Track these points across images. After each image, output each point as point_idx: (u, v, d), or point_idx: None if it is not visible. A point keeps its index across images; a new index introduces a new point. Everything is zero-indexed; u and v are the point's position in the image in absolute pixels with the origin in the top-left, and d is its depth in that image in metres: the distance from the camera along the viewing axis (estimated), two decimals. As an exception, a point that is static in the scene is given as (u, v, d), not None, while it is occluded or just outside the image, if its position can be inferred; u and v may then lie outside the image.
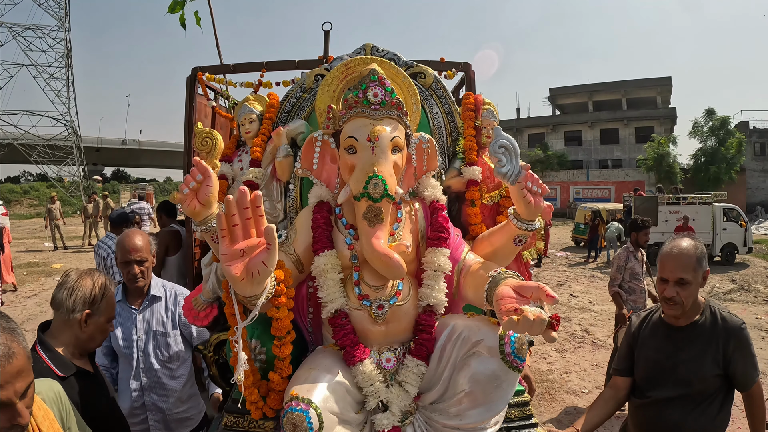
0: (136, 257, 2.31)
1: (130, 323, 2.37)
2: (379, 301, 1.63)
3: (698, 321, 1.99)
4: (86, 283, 1.75)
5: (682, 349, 1.99)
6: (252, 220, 1.14)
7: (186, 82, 3.61)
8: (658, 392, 2.02)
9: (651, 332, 2.12)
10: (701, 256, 1.96)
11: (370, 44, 2.13)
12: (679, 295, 1.93)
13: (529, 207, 1.57)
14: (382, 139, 1.61)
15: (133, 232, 2.37)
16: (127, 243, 2.30)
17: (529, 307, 1.18)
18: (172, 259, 4.34)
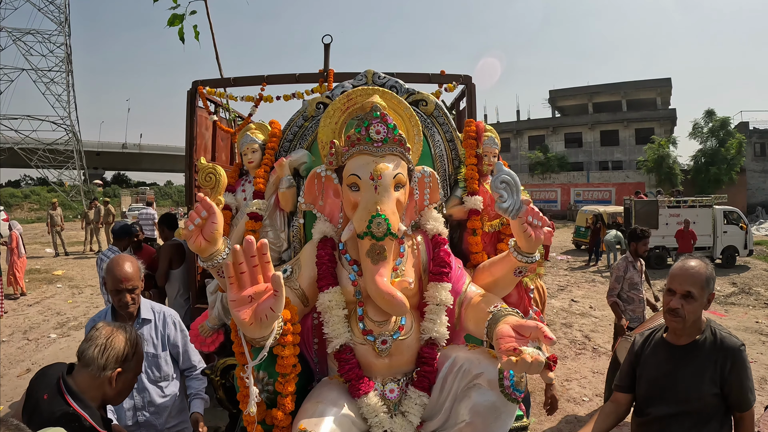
0: (128, 286, 2.28)
1: None
2: (383, 336, 1.68)
3: (698, 340, 2.02)
4: (119, 341, 1.69)
5: (681, 367, 2.03)
6: (259, 267, 1.17)
7: (186, 95, 3.65)
8: (659, 409, 2.06)
9: (653, 351, 2.15)
10: (710, 277, 2.00)
11: (371, 71, 2.17)
12: (684, 308, 1.96)
13: (530, 240, 1.60)
14: (384, 177, 1.64)
15: (122, 259, 2.33)
16: (118, 272, 2.27)
17: (527, 348, 1.22)
18: (176, 272, 4.37)
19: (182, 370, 2.49)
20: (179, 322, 2.47)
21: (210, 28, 5.02)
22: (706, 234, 13.59)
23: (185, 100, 3.68)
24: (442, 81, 3.54)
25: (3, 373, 5.76)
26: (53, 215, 15.17)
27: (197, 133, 3.82)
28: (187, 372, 2.49)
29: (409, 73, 3.61)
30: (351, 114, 1.89)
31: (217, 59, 5.11)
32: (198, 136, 3.84)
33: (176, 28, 4.91)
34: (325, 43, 3.54)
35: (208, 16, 4.97)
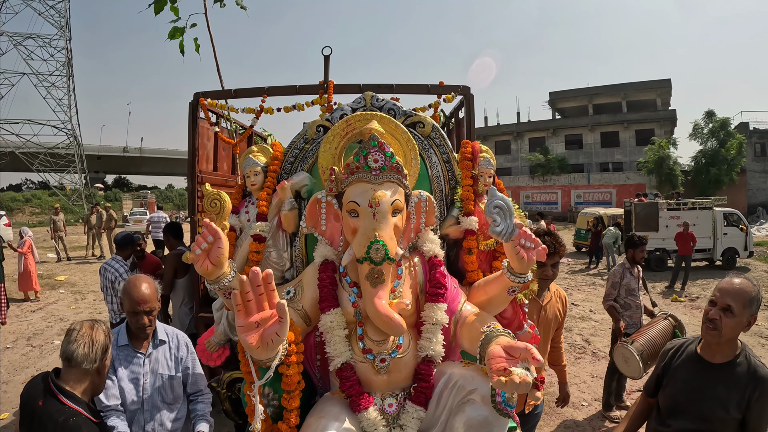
0: (145, 308, 2.25)
1: (138, 367, 2.32)
2: (382, 355, 1.78)
3: (731, 362, 2.02)
4: (100, 335, 1.89)
5: (710, 387, 2.02)
6: (264, 295, 1.25)
7: (188, 107, 3.71)
8: (679, 423, 2.10)
9: (683, 363, 2.16)
10: (755, 298, 1.97)
11: (369, 94, 2.24)
12: (721, 320, 1.95)
13: (522, 262, 1.68)
14: (382, 204, 1.73)
15: (139, 280, 2.28)
16: (136, 294, 2.23)
17: (516, 369, 1.31)
18: (181, 282, 4.44)
19: (189, 394, 2.48)
20: (191, 345, 2.47)
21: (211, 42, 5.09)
22: (706, 236, 13.64)
23: (186, 105, 3.73)
24: (441, 92, 3.59)
25: (8, 380, 5.82)
26: (56, 220, 15.25)
27: (199, 144, 3.87)
28: (193, 396, 2.47)
29: (409, 84, 3.66)
30: (350, 139, 1.98)
31: (218, 72, 5.17)
32: (200, 146, 3.90)
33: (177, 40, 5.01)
34: (324, 55, 3.59)
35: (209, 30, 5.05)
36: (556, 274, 2.88)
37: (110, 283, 4.55)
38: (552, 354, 3.15)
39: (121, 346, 2.30)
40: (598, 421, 4.90)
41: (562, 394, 3.40)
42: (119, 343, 2.30)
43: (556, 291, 3.06)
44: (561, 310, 3.08)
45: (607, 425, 4.83)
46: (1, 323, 7.96)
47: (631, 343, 3.97)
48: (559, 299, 3.09)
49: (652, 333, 4.12)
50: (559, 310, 3.05)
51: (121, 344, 2.31)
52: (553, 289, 3.02)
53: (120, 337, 2.34)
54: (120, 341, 2.32)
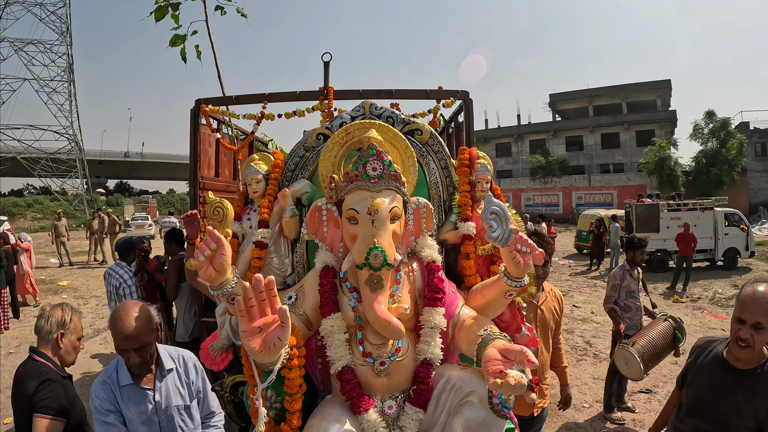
0: (133, 345, 1.96)
1: (148, 405, 2.07)
2: (382, 358, 1.82)
3: (756, 369, 1.99)
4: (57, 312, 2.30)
5: (730, 391, 2.02)
6: (267, 300, 1.29)
7: (190, 113, 3.74)
8: (697, 422, 2.12)
9: (709, 363, 2.15)
10: None
11: (368, 102, 2.29)
12: (753, 338, 1.91)
13: (518, 266, 1.72)
14: (381, 211, 1.78)
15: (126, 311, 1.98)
16: (121, 330, 1.95)
17: (512, 371, 1.35)
18: (185, 285, 4.47)
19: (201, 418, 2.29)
20: (199, 365, 2.30)
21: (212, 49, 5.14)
22: (707, 236, 13.67)
23: (187, 110, 3.76)
24: (440, 97, 3.62)
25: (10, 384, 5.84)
26: (58, 225, 15.32)
27: (201, 150, 3.91)
28: (205, 419, 2.30)
29: (408, 90, 3.69)
30: (349, 147, 2.03)
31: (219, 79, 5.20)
32: (202, 152, 3.94)
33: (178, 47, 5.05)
34: (324, 61, 3.62)
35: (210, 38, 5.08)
36: (548, 273, 2.92)
37: (114, 289, 4.58)
38: (552, 355, 3.15)
39: (124, 385, 2.04)
40: (599, 423, 4.92)
41: (563, 397, 3.39)
42: (121, 383, 2.04)
43: (551, 290, 3.10)
44: (557, 309, 3.12)
45: (608, 426, 4.85)
46: (5, 328, 8.00)
47: (632, 345, 3.99)
48: (555, 298, 3.13)
49: (652, 335, 4.15)
50: (555, 309, 3.09)
51: (124, 383, 2.04)
52: (547, 288, 3.07)
53: (121, 375, 2.06)
54: (122, 380, 2.05)
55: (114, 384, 2.03)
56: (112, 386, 2.02)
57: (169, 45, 5.04)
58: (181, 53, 5.04)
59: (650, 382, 5.63)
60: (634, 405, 5.20)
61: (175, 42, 5.02)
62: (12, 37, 36.05)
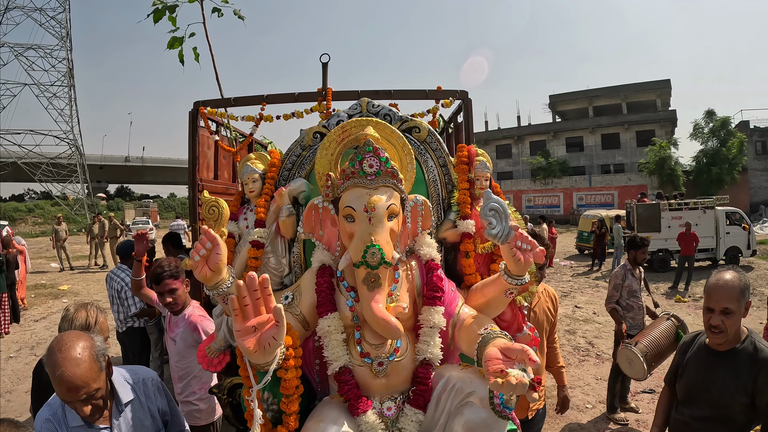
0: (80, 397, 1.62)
1: None
2: (380, 358, 1.78)
3: (737, 348, 2.12)
4: (81, 314, 2.22)
5: (717, 373, 2.13)
6: (261, 299, 1.26)
7: (188, 116, 3.73)
8: (693, 411, 2.19)
9: (695, 354, 2.27)
10: (744, 288, 2.08)
11: (365, 100, 2.26)
12: (724, 323, 2.07)
13: (519, 264, 1.68)
14: (378, 209, 1.74)
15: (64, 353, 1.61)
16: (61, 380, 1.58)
17: (513, 370, 1.31)
18: (182, 288, 4.44)
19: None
20: (159, 382, 2.07)
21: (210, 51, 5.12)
22: (708, 236, 13.63)
23: (187, 114, 3.76)
24: (439, 97, 3.60)
25: (11, 389, 5.85)
26: (58, 230, 15.33)
27: (200, 153, 3.89)
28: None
29: (407, 90, 3.67)
30: (346, 145, 1.99)
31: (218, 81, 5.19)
32: (200, 155, 3.92)
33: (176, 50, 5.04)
34: (323, 63, 3.60)
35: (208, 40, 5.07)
36: (544, 276, 2.85)
37: (116, 292, 4.58)
38: (547, 355, 3.11)
39: (74, 426, 1.74)
40: (602, 424, 4.89)
41: (561, 398, 3.30)
42: (71, 423, 1.73)
43: (544, 290, 3.04)
44: (551, 309, 3.06)
45: (611, 427, 4.82)
46: (5, 332, 7.99)
47: (635, 345, 3.97)
48: (549, 298, 3.07)
49: (655, 334, 4.13)
50: (549, 310, 3.04)
51: (74, 425, 1.74)
52: (540, 289, 3.00)
53: (69, 414, 1.74)
54: (71, 420, 1.74)
55: (61, 424, 1.73)
56: (59, 427, 1.73)
57: (167, 47, 5.04)
58: (179, 56, 5.03)
59: (653, 383, 5.60)
60: (637, 405, 5.17)
61: (172, 44, 5.02)
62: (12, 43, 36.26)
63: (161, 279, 2.86)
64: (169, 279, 2.87)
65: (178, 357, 2.91)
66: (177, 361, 2.90)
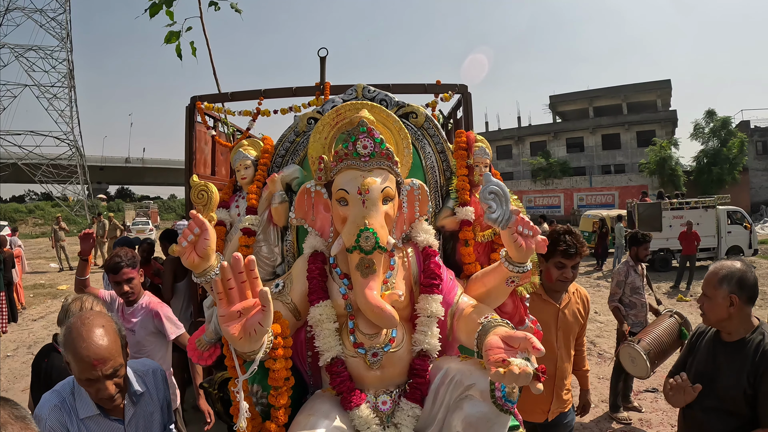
0: (107, 371, 1.53)
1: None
2: (374, 349, 1.69)
3: (746, 339, 2.07)
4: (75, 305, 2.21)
5: (724, 363, 2.08)
6: (247, 282, 1.19)
7: (185, 111, 3.68)
8: (702, 402, 2.11)
9: (705, 343, 2.24)
10: (728, 277, 2.07)
11: (361, 85, 2.19)
12: (704, 305, 2.14)
13: (520, 250, 1.60)
14: (372, 191, 1.66)
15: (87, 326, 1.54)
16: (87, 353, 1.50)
17: (515, 359, 1.22)
18: (181, 285, 4.44)
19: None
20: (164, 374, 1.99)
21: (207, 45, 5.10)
22: (710, 235, 13.54)
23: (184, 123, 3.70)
24: (438, 91, 3.55)
25: (8, 387, 5.80)
26: (57, 230, 15.29)
27: (196, 148, 3.84)
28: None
29: (405, 84, 3.62)
30: (340, 129, 1.92)
31: (215, 75, 5.18)
32: (197, 151, 3.86)
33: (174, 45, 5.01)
34: (321, 56, 3.56)
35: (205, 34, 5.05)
36: (576, 276, 2.66)
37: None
38: (574, 357, 2.90)
39: (85, 418, 1.63)
40: (605, 423, 4.81)
41: (583, 402, 3.12)
42: (81, 414, 1.62)
43: (576, 291, 2.82)
44: (582, 310, 2.84)
45: (614, 427, 4.75)
46: (2, 332, 7.93)
47: (638, 343, 3.90)
48: (580, 299, 2.84)
49: (658, 331, 4.06)
50: (579, 312, 2.81)
51: (86, 415, 1.63)
52: (572, 289, 2.79)
53: (80, 404, 1.63)
54: (82, 410, 1.62)
55: (71, 413, 1.61)
56: (68, 416, 1.61)
57: (164, 42, 5.01)
58: (176, 50, 5.00)
59: (656, 381, 5.53)
60: (640, 404, 5.10)
61: (170, 39, 5.00)
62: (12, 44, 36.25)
63: (119, 268, 2.87)
64: (127, 268, 2.89)
65: (137, 347, 2.85)
66: (135, 352, 2.79)
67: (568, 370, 2.79)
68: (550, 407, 2.68)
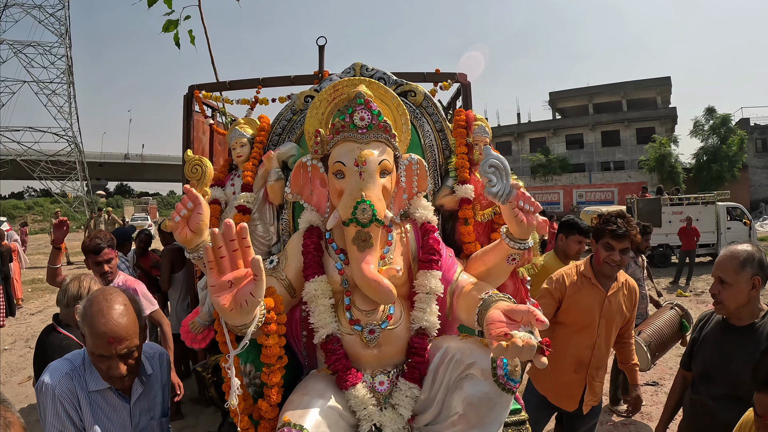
0: (120, 351, 1.47)
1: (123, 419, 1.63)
2: (371, 326, 1.64)
3: (755, 323, 2.02)
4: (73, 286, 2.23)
5: (734, 349, 2.03)
6: (239, 251, 1.15)
7: (183, 100, 3.64)
8: (711, 390, 2.07)
9: (711, 330, 2.18)
10: (749, 260, 1.98)
11: (359, 63, 2.15)
12: (721, 294, 2.01)
13: (522, 226, 1.56)
14: (369, 163, 1.62)
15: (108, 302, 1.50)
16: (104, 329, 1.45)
17: (518, 332, 1.17)
18: (179, 276, 4.41)
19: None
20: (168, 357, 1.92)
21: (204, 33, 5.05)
22: (710, 231, 13.50)
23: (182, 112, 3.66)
24: (437, 79, 3.50)
25: (5, 380, 5.76)
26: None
27: (194, 138, 3.79)
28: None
29: (404, 72, 3.56)
30: (337, 105, 1.87)
31: (212, 63, 5.12)
32: (195, 140, 3.82)
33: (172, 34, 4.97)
34: (319, 45, 3.52)
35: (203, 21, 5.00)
36: (626, 262, 2.53)
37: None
38: (621, 351, 2.81)
39: (94, 391, 1.56)
40: (605, 416, 4.78)
41: (633, 398, 2.92)
42: (91, 387, 1.56)
43: (625, 282, 2.68)
44: (629, 303, 2.70)
45: (614, 419, 4.72)
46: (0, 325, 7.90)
47: (638, 334, 3.87)
48: (628, 290, 2.69)
49: (659, 323, 4.03)
50: (626, 304, 2.67)
51: (95, 389, 1.56)
52: (621, 279, 2.65)
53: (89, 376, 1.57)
54: (91, 383, 1.56)
55: (81, 383, 1.55)
56: (79, 386, 1.54)
57: (162, 30, 4.96)
58: (174, 38, 4.96)
59: (656, 375, 5.51)
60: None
61: (168, 27, 4.94)
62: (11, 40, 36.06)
63: (101, 249, 3.02)
64: (107, 249, 3.05)
65: None
66: None
67: (605, 361, 2.68)
68: (582, 396, 2.60)
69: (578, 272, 2.55)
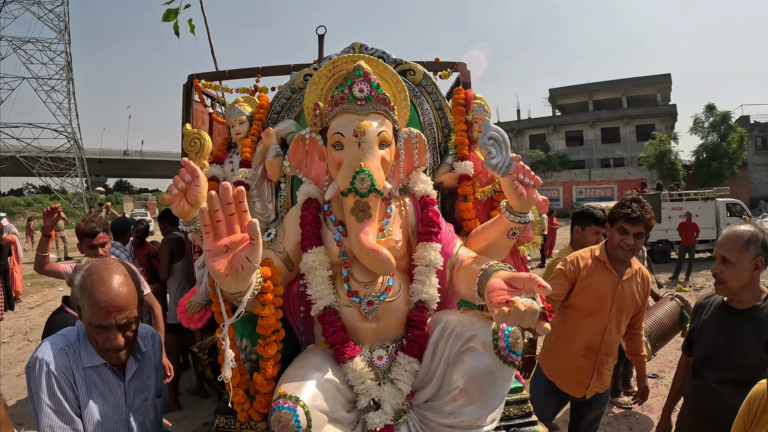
0: (120, 319, 1.44)
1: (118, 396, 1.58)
2: (369, 298, 1.62)
3: (758, 306, 2.01)
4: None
5: (738, 332, 2.01)
6: (236, 215, 1.14)
7: (182, 89, 3.62)
8: (714, 374, 2.06)
9: (712, 314, 2.16)
10: (753, 240, 1.97)
11: (359, 43, 2.14)
12: (723, 273, 2.00)
13: (522, 199, 1.55)
14: (368, 133, 1.60)
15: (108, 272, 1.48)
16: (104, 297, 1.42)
17: (520, 298, 1.15)
18: (178, 266, 4.40)
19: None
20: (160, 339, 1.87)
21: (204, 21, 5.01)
22: (709, 227, 13.49)
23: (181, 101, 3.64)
24: (436, 69, 3.48)
25: (3, 373, 5.75)
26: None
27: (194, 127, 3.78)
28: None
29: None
30: (336, 81, 1.86)
31: (212, 52, 5.09)
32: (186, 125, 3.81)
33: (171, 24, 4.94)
34: (319, 34, 3.50)
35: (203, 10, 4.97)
36: (640, 246, 2.48)
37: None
38: (630, 342, 2.78)
39: (89, 367, 1.51)
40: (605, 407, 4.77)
41: (641, 389, 2.91)
42: (86, 363, 1.50)
43: (639, 269, 2.62)
44: (641, 292, 2.65)
45: (614, 411, 4.71)
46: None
47: (639, 325, 3.86)
48: (641, 278, 2.64)
49: (659, 314, 4.02)
50: (638, 292, 2.62)
51: (90, 365, 1.51)
52: (635, 266, 2.61)
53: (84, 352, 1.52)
54: (86, 359, 1.51)
55: (76, 358, 1.50)
56: (74, 362, 1.49)
57: (162, 20, 4.93)
58: (174, 28, 4.92)
59: (656, 367, 5.49)
60: (640, 388, 5.05)
61: (167, 17, 4.91)
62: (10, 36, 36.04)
63: (96, 233, 3.06)
64: (102, 232, 3.10)
65: None
66: None
67: (615, 348, 2.65)
68: (590, 382, 2.57)
69: (593, 256, 2.52)
